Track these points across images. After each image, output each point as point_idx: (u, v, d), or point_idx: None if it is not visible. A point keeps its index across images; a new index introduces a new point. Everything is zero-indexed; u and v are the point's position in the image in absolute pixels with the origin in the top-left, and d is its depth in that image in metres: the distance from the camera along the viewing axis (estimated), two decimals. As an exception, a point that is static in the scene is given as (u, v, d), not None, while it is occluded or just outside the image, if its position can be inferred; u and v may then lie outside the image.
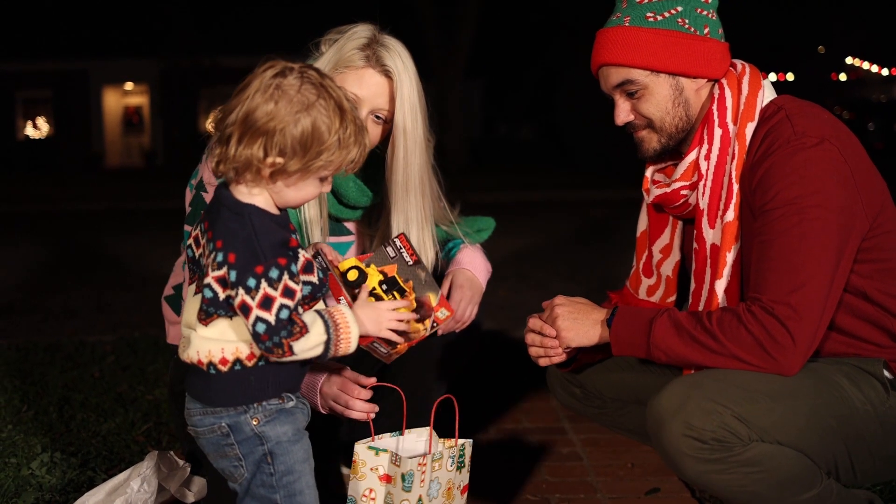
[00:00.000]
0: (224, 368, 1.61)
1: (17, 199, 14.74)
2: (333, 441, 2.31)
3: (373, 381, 1.97)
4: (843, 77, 35.28)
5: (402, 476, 1.77)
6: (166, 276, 2.31)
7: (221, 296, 1.58)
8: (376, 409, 1.96)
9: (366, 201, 2.20)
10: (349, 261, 1.83)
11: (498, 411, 3.13)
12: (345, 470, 2.38)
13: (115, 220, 11.46)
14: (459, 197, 2.42)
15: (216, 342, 1.61)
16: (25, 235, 9.87)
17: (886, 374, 1.87)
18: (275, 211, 1.62)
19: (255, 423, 1.63)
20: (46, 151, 26.36)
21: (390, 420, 2.08)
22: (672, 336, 1.82)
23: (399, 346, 1.76)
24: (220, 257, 1.55)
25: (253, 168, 1.57)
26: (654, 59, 1.92)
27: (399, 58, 2.11)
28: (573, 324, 1.94)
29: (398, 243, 1.88)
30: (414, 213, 2.15)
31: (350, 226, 2.30)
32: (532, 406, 3.19)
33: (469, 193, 12.15)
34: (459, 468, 1.90)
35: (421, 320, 1.83)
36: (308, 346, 1.57)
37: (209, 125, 1.63)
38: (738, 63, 2.01)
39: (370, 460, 1.81)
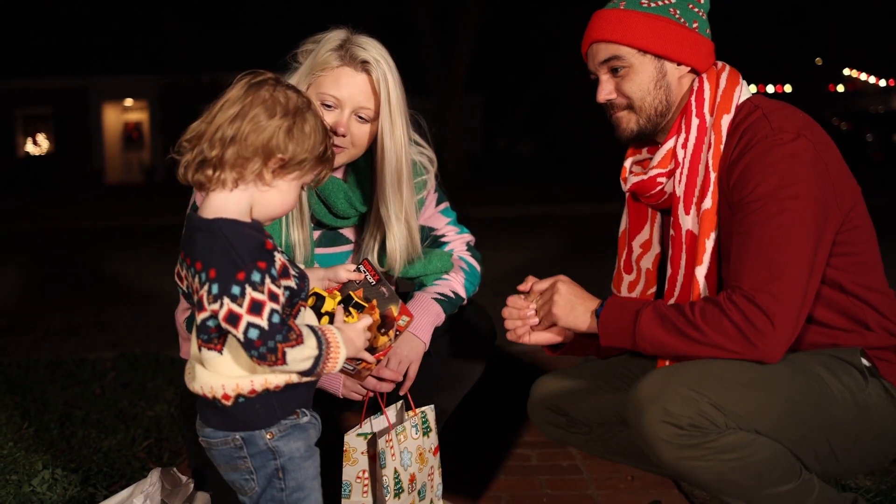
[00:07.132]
0: (228, 403, 1.62)
1: (18, 216, 14.76)
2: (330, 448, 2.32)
3: (383, 366, 2.12)
4: (840, 88, 35.37)
5: (378, 454, 1.97)
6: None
7: (204, 320, 1.57)
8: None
9: (354, 211, 2.19)
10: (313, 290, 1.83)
11: (497, 425, 3.13)
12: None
13: (115, 237, 11.48)
14: (459, 212, 2.43)
15: (217, 377, 1.62)
16: (25, 253, 9.89)
17: (864, 361, 1.91)
18: (246, 220, 1.61)
19: (269, 437, 1.63)
20: (47, 168, 26.41)
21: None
22: (657, 327, 1.86)
23: (365, 362, 1.78)
24: (202, 277, 1.53)
25: (261, 158, 1.57)
26: (643, 38, 2.01)
27: (375, 51, 2.05)
28: (569, 309, 1.98)
29: (363, 268, 1.90)
30: (400, 208, 2.13)
31: (348, 233, 2.28)
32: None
33: (469, 208, 12.19)
34: (426, 433, 2.10)
35: (386, 332, 1.86)
36: (301, 356, 1.56)
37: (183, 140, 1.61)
38: (719, 63, 2.10)
39: (360, 445, 2.04)
